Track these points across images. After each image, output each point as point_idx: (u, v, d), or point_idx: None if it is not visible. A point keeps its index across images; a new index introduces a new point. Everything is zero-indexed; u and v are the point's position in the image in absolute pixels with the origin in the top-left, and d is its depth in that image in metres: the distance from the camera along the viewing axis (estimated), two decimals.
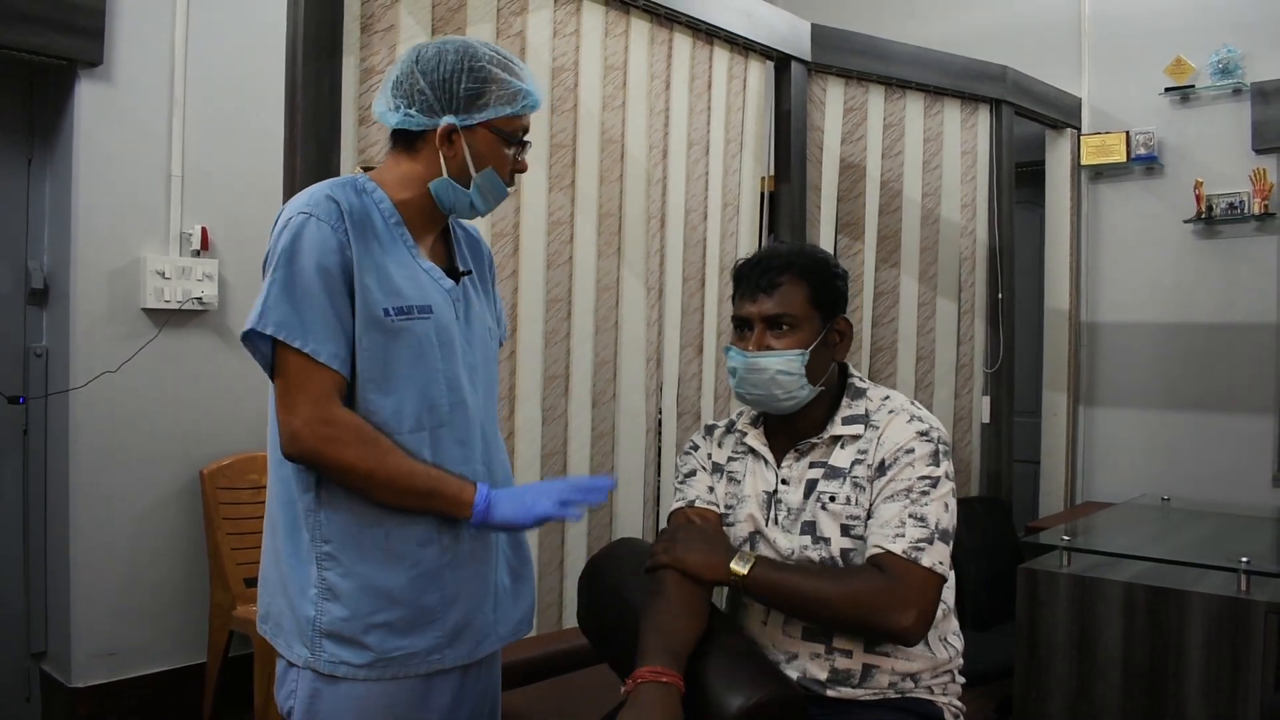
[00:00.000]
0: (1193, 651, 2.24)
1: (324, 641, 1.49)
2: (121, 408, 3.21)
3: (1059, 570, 2.45)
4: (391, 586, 1.50)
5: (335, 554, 1.50)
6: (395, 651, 1.50)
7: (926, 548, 1.61)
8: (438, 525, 1.53)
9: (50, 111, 3.24)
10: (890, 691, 1.68)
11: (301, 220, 1.46)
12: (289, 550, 1.53)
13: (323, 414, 1.44)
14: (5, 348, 3.22)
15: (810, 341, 1.73)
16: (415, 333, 1.52)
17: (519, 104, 1.56)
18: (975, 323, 3.72)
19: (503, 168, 1.58)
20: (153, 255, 3.25)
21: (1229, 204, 3.82)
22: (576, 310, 2.63)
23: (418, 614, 1.52)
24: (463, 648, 1.57)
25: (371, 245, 1.51)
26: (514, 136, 1.58)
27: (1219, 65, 3.83)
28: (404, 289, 1.52)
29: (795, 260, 1.76)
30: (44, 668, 3.27)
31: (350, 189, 1.54)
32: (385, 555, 1.50)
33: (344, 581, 1.49)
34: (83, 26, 3.06)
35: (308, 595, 1.50)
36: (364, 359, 1.48)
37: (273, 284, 1.45)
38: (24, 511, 3.27)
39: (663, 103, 2.83)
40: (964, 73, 3.60)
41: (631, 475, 2.77)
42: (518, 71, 1.57)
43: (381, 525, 1.50)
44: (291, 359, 1.45)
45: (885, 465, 1.69)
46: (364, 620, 1.49)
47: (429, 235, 1.63)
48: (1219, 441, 3.87)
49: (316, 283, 1.45)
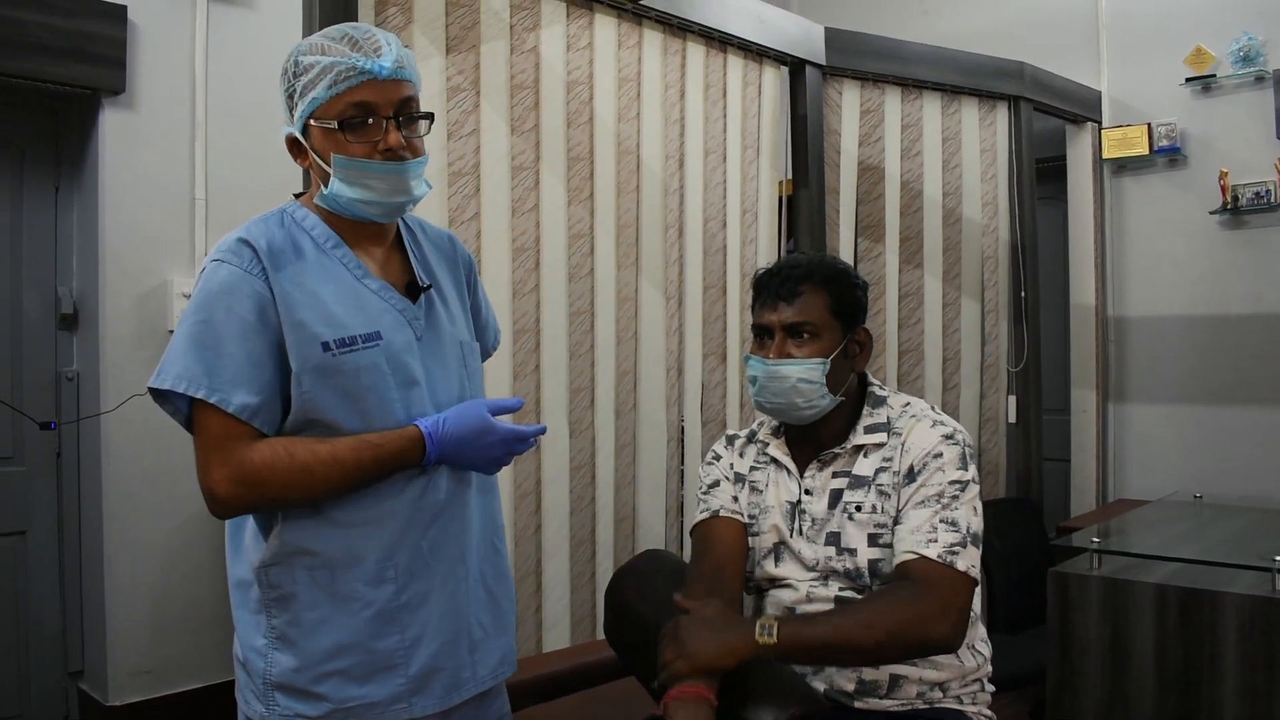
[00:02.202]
0: (1227, 653, 2.21)
1: (276, 694, 1.40)
2: (152, 429, 3.24)
3: (1090, 573, 2.43)
4: (342, 631, 1.40)
5: (282, 599, 1.41)
6: (352, 702, 1.40)
7: (960, 552, 1.61)
8: (390, 562, 1.42)
9: (75, 140, 3.29)
10: (919, 702, 1.67)
11: (213, 267, 1.38)
12: (238, 599, 1.46)
13: (236, 470, 1.34)
14: (37, 372, 3.27)
15: (831, 350, 1.73)
16: (361, 364, 1.40)
17: (332, 85, 1.37)
18: (1000, 322, 3.69)
19: (349, 151, 1.40)
20: (179, 278, 3.29)
21: (1255, 194, 3.77)
22: (599, 322, 2.63)
23: (374, 659, 1.41)
24: (432, 695, 1.45)
25: (302, 278, 1.40)
26: (343, 119, 1.38)
27: (1240, 53, 3.79)
28: (345, 319, 1.41)
29: (815, 269, 1.76)
30: (81, 686, 3.31)
31: (275, 222, 1.45)
32: (333, 598, 1.40)
33: (292, 629, 1.40)
34: (104, 56, 3.10)
35: (257, 646, 1.42)
36: (306, 400, 1.38)
37: (177, 336, 1.37)
38: (59, 533, 3.32)
39: (678, 112, 2.84)
40: (981, 70, 3.58)
41: (654, 485, 2.78)
42: (335, 48, 1.39)
43: (329, 567, 1.40)
44: (202, 413, 1.36)
45: (914, 471, 1.68)
46: (315, 670, 1.39)
47: (377, 249, 1.50)
48: (1251, 436, 3.82)
49: (226, 330, 1.35)
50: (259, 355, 1.36)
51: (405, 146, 1.42)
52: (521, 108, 2.46)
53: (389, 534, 1.43)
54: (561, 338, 2.55)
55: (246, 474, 1.34)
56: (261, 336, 1.37)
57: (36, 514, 3.28)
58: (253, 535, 1.44)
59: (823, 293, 1.74)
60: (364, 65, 1.37)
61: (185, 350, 1.35)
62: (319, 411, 1.39)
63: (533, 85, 2.49)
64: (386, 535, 1.43)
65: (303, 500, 1.38)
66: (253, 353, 1.36)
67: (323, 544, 1.40)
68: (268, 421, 1.38)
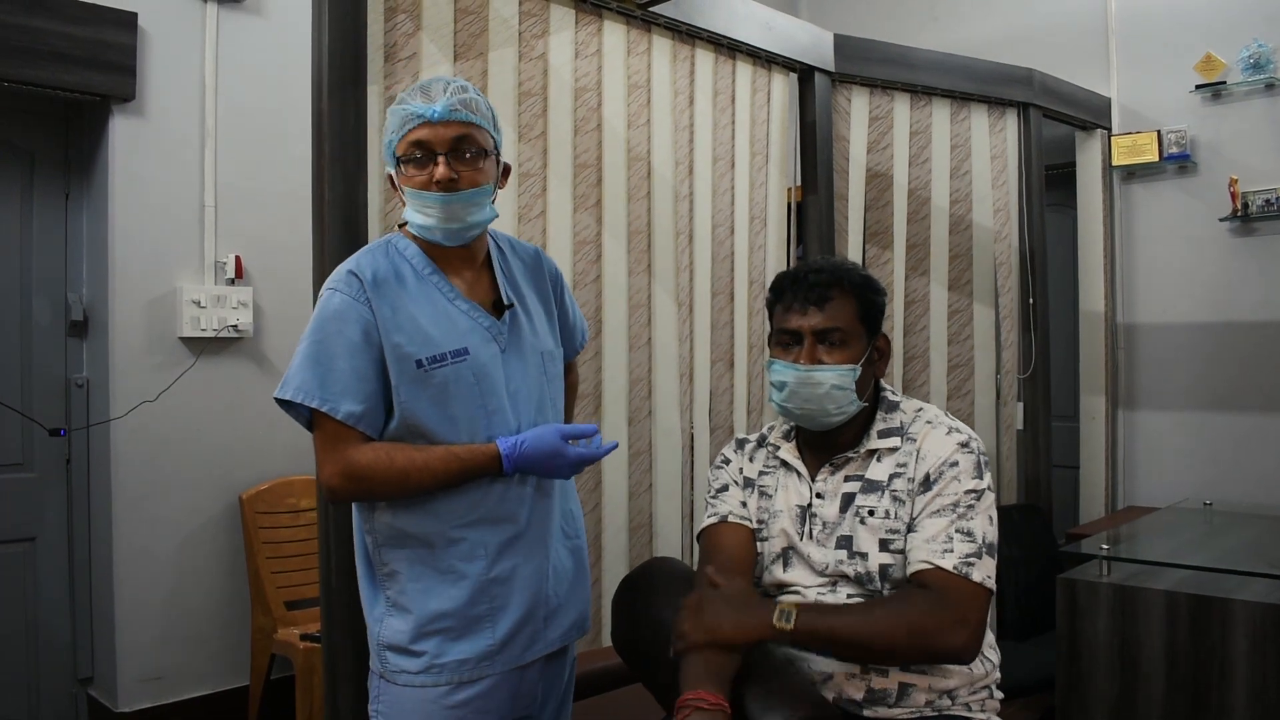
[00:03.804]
0: (1237, 661, 2.20)
1: (386, 653, 1.68)
2: (161, 435, 3.26)
3: (1099, 580, 2.42)
4: (444, 599, 1.65)
5: (393, 574, 1.68)
6: (447, 658, 1.65)
7: (976, 562, 1.60)
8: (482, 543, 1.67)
9: (86, 147, 3.31)
10: (927, 710, 1.66)
11: (327, 295, 1.64)
12: (363, 574, 1.74)
13: (344, 466, 1.60)
14: (47, 379, 3.28)
15: (859, 357, 1.73)
16: (451, 376, 1.64)
17: (399, 129, 1.65)
18: (1009, 328, 3.68)
19: (414, 184, 1.65)
20: (188, 285, 3.31)
21: (1265, 200, 3.76)
22: (607, 329, 2.63)
23: (468, 623, 1.66)
24: (512, 653, 1.69)
25: (402, 303, 1.64)
26: (404, 157, 1.65)
27: (1250, 60, 3.78)
28: (437, 337, 1.64)
29: (842, 274, 1.75)
30: (91, 693, 3.32)
31: (381, 253, 1.69)
32: (437, 572, 1.66)
33: (403, 598, 1.67)
34: (115, 63, 3.12)
35: (375, 613, 1.70)
36: (406, 409, 1.62)
37: (298, 354, 1.62)
38: (69, 540, 3.33)
39: (687, 119, 2.84)
40: (990, 77, 3.58)
41: (668, 491, 2.77)
42: (405, 99, 1.66)
43: (431, 547, 1.65)
44: (318, 419, 1.61)
45: (930, 479, 1.67)
46: (419, 630, 1.65)
47: (468, 271, 1.73)
48: (1261, 443, 3.80)
49: (337, 349, 1.60)
50: (364, 370, 1.61)
51: (455, 179, 1.63)
52: (529, 114, 2.47)
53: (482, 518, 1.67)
54: None
55: (353, 471, 1.60)
56: (366, 354, 1.61)
57: (46, 520, 3.29)
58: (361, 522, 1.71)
59: (852, 299, 1.74)
60: (418, 110, 1.63)
61: (303, 366, 1.61)
62: (415, 416, 1.63)
63: (541, 92, 2.49)
64: (479, 519, 1.67)
65: (398, 496, 1.64)
66: (359, 368, 1.60)
67: (423, 529, 1.65)
68: (372, 426, 1.62)
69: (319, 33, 2.06)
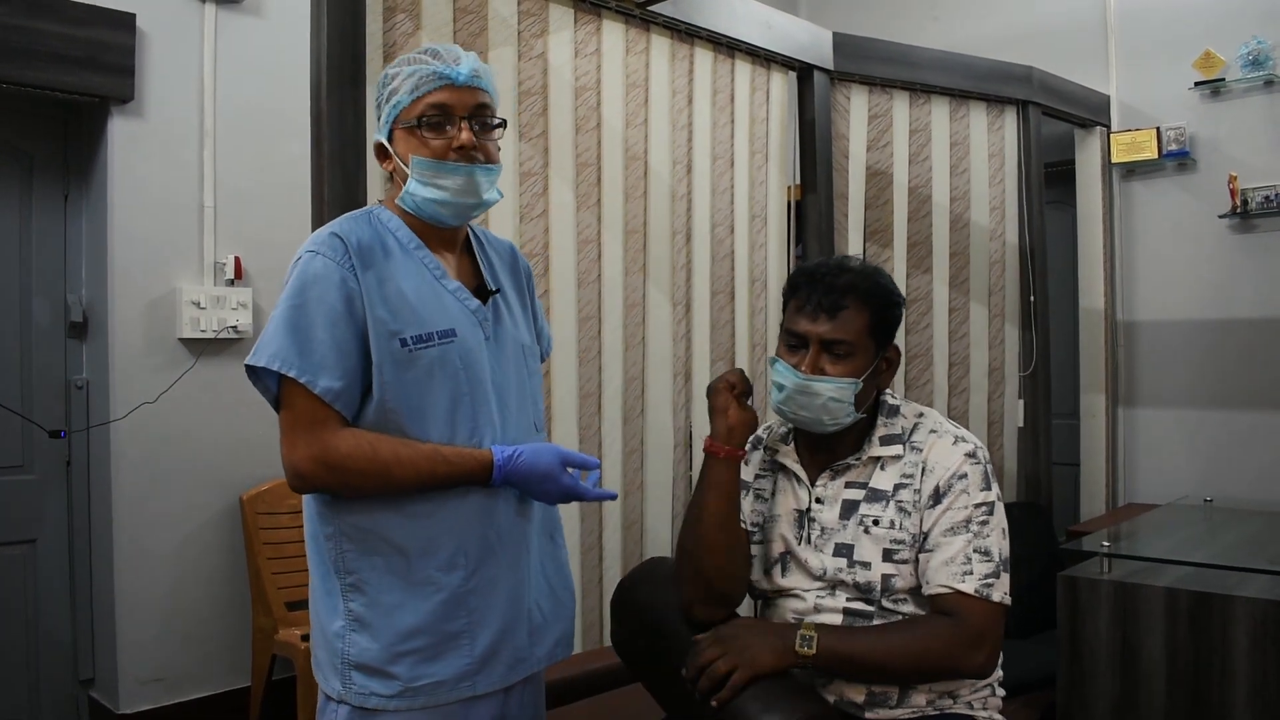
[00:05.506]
0: (1238, 658, 2.20)
1: (353, 673, 1.49)
2: (161, 437, 3.26)
3: (1099, 577, 2.41)
4: (416, 614, 1.49)
5: (359, 585, 1.50)
6: (423, 680, 1.49)
7: (995, 582, 1.62)
8: (461, 551, 1.52)
9: (85, 148, 3.31)
10: (929, 709, 1.66)
11: (308, 258, 1.49)
12: (318, 583, 1.55)
13: (320, 450, 1.44)
14: (47, 380, 3.28)
15: (863, 370, 1.69)
16: (437, 359, 1.50)
17: (414, 89, 1.51)
18: (1007, 326, 3.68)
19: (426, 149, 1.52)
20: (188, 285, 3.30)
21: (1264, 197, 3.76)
22: (606, 328, 2.63)
23: (443, 640, 1.50)
24: (495, 673, 1.55)
25: (387, 275, 1.51)
26: (422, 119, 1.51)
27: (1249, 57, 3.78)
28: (424, 315, 1.51)
29: (860, 284, 1.70)
30: (92, 694, 3.32)
31: (364, 221, 1.56)
32: (408, 583, 1.50)
33: (369, 611, 1.49)
34: (113, 64, 3.12)
35: (335, 628, 1.51)
36: (386, 389, 1.48)
37: (274, 319, 1.48)
38: (69, 541, 3.33)
39: (686, 117, 2.84)
40: (989, 75, 3.57)
41: (661, 491, 2.77)
42: (420, 59, 1.53)
43: (403, 554, 1.50)
44: (290, 392, 1.46)
45: (940, 493, 1.66)
46: (390, 650, 1.48)
47: (450, 253, 1.62)
48: (1262, 439, 3.80)
49: (317, 316, 1.45)
50: (345, 342, 1.46)
51: (477, 148, 1.52)
52: (529, 113, 2.47)
53: (462, 525, 1.52)
54: (571, 343, 2.55)
55: (331, 458, 1.44)
56: (348, 325, 1.47)
57: (46, 522, 3.28)
58: (320, 522, 1.53)
59: (864, 311, 1.69)
60: (443, 70, 1.51)
61: (279, 332, 1.45)
62: (396, 400, 1.48)
63: (540, 91, 2.49)
64: (460, 526, 1.52)
65: (375, 493, 1.48)
66: (340, 339, 1.46)
67: (401, 535, 1.49)
68: (348, 407, 1.47)
69: (318, 33, 2.06)
